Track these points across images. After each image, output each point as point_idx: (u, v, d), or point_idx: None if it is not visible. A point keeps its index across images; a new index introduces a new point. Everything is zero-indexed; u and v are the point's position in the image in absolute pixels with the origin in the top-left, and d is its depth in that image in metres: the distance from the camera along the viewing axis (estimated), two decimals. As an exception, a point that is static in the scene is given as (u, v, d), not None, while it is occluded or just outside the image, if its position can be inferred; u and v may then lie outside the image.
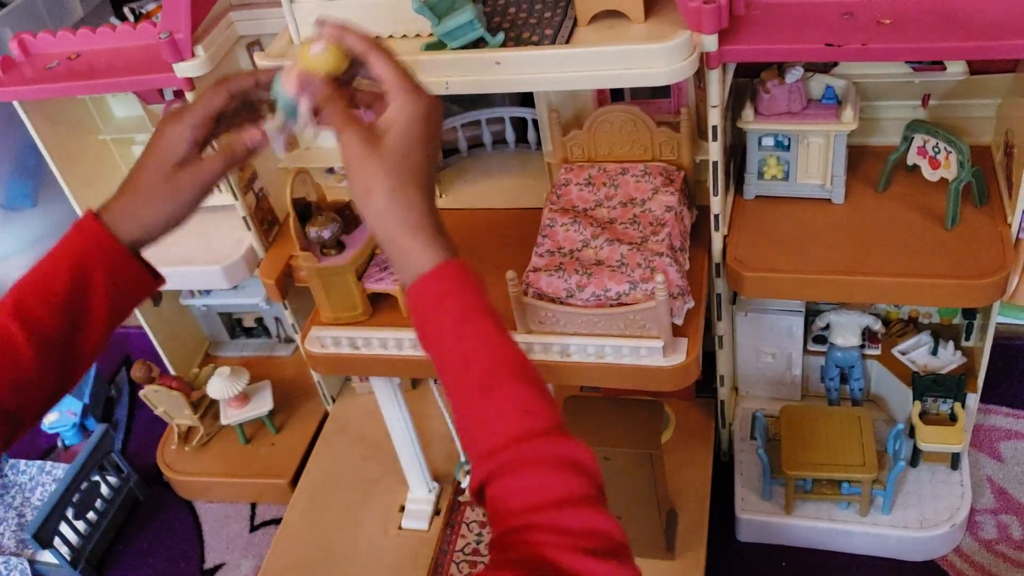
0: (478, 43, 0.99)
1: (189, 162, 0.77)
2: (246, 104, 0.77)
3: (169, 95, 1.30)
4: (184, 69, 1.10)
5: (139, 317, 1.49)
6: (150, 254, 0.80)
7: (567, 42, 0.97)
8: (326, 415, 1.56)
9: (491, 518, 0.63)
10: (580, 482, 0.62)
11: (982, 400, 1.33)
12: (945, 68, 1.10)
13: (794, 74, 1.09)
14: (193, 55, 1.10)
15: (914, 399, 1.24)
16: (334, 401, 1.56)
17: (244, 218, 1.27)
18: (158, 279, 0.81)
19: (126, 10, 2.00)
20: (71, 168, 1.33)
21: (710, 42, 0.94)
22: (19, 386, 0.75)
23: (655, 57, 0.93)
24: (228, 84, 0.77)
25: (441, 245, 0.69)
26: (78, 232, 0.78)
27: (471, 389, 0.66)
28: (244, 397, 1.50)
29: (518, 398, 0.65)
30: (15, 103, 1.24)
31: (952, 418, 1.23)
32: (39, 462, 1.57)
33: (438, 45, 0.98)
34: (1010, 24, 0.91)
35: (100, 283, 0.77)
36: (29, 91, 1.20)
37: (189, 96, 1.15)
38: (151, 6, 1.99)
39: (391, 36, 1.02)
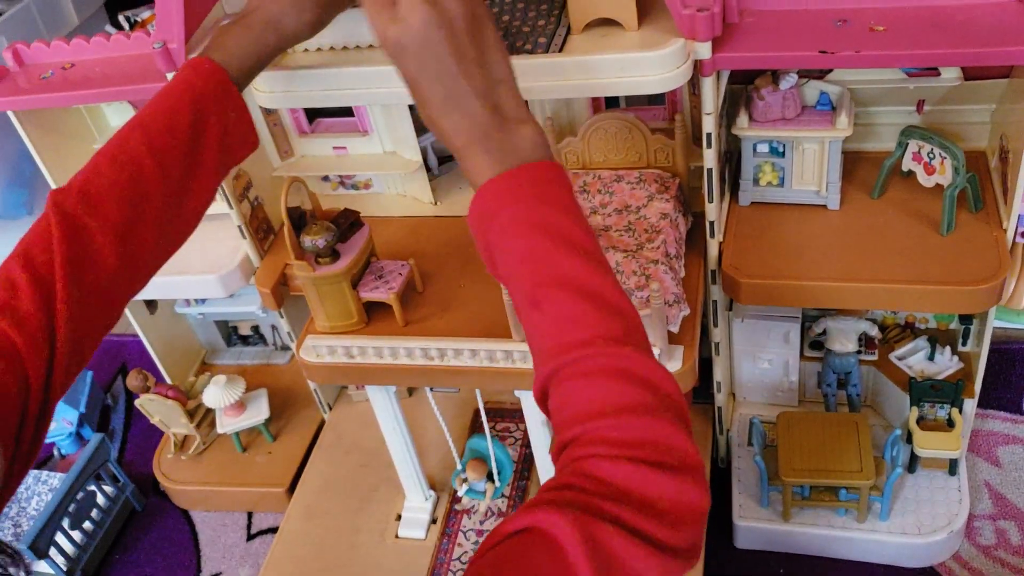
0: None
1: None
2: None
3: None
4: (178, 78, 1.09)
5: (135, 325, 1.49)
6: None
7: (560, 50, 0.97)
8: (322, 423, 1.56)
9: (554, 433, 0.63)
10: (639, 393, 0.60)
11: (980, 405, 1.32)
12: (939, 74, 1.10)
13: (788, 81, 1.09)
14: (187, 64, 1.10)
15: (911, 405, 1.23)
16: (330, 409, 1.56)
17: (239, 227, 1.27)
18: (256, 139, 0.91)
19: (121, 18, 2.01)
20: (65, 176, 1.31)
21: (704, 50, 0.94)
22: (144, 214, 0.80)
23: (649, 65, 0.93)
24: None
25: (492, 158, 0.67)
26: (196, 73, 0.84)
27: (523, 304, 0.66)
28: (240, 405, 1.50)
29: (566, 311, 0.63)
30: (10, 112, 1.24)
31: (950, 423, 1.23)
32: (35, 471, 1.57)
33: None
34: (1003, 31, 0.91)
35: (215, 131, 0.85)
36: (24, 101, 1.20)
37: (183, 105, 1.15)
38: (146, 14, 2.00)
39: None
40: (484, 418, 1.26)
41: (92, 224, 0.78)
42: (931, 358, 1.27)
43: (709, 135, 1.02)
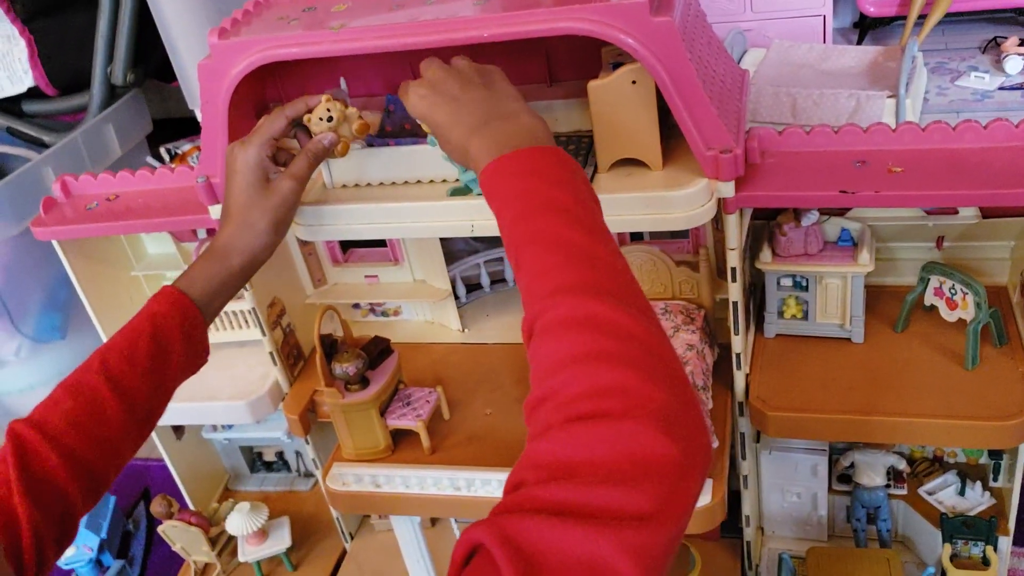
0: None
1: (270, 173, 0.97)
2: (298, 125, 0.99)
3: (203, 234, 1.34)
4: (219, 210, 1.14)
5: (161, 450, 1.50)
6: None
7: (588, 188, 1.01)
8: (344, 553, 1.54)
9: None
10: (596, 340, 0.59)
11: (1015, 543, 1.29)
12: (957, 212, 1.13)
13: (810, 218, 1.12)
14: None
15: (944, 541, 1.21)
16: (352, 538, 1.54)
17: (271, 353, 1.29)
18: (207, 352, 0.97)
19: (162, 150, 2.09)
20: (102, 302, 1.36)
21: (727, 189, 0.98)
22: (105, 444, 0.85)
23: (674, 203, 0.96)
24: (286, 111, 0.97)
25: (480, 158, 0.77)
26: (157, 301, 0.92)
27: (513, 270, 0.71)
28: (262, 533, 1.49)
29: (537, 265, 0.67)
30: (53, 241, 1.29)
31: (985, 562, 1.20)
32: (52, 598, 1.55)
33: (463, 191, 1.02)
34: (1018, 173, 0.94)
35: (178, 347, 0.91)
36: (69, 231, 1.24)
37: (222, 236, 1.19)
38: (186, 147, 2.08)
39: (419, 181, 1.06)
40: (509, 550, 1.24)
41: (45, 451, 0.82)
42: (962, 493, 1.25)
43: (733, 269, 1.05)
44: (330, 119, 0.98)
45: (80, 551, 1.61)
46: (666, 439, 0.54)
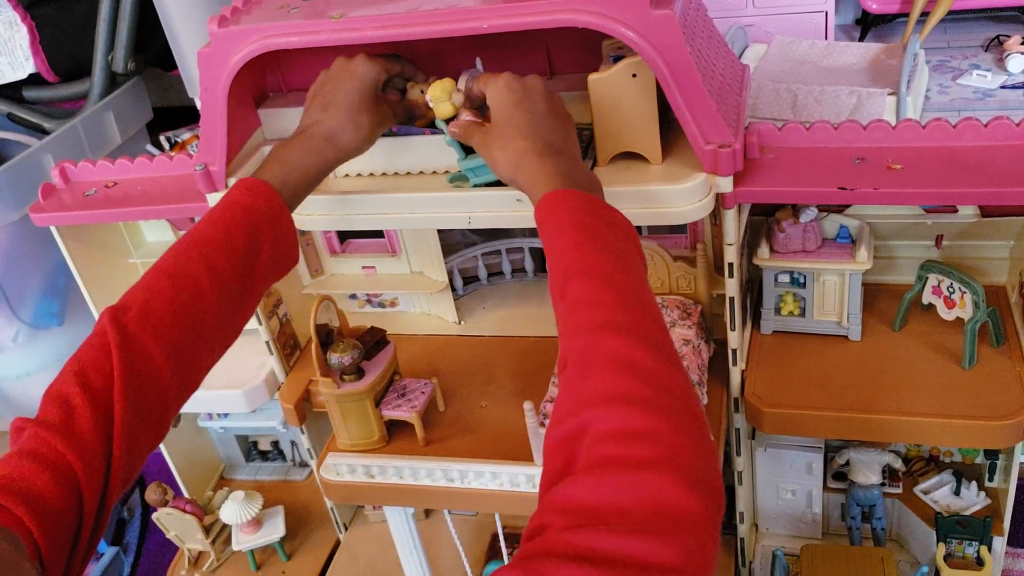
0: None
1: (380, 95, 0.99)
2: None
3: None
4: (217, 199, 1.13)
5: (156, 438, 1.50)
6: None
7: (587, 180, 1.00)
8: (338, 543, 1.54)
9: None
10: (634, 385, 0.60)
11: (1009, 543, 1.29)
12: (957, 211, 1.13)
13: (808, 214, 1.11)
14: (226, 186, 1.14)
15: (938, 541, 1.21)
16: (346, 529, 1.54)
17: (267, 342, 1.29)
18: (298, 256, 0.95)
19: (162, 138, 2.09)
20: (100, 289, 1.36)
21: (725, 184, 0.97)
22: (204, 341, 0.83)
23: (673, 197, 0.96)
24: (404, 68, 1.02)
25: (544, 183, 0.79)
26: (252, 194, 0.90)
27: (555, 297, 0.72)
28: (257, 522, 1.49)
29: (587, 297, 0.68)
30: (52, 227, 1.28)
31: (979, 562, 1.20)
32: (46, 585, 1.55)
33: (463, 177, 1.02)
34: (1017, 172, 0.93)
35: (268, 248, 0.89)
36: (67, 217, 1.24)
37: (220, 224, 1.19)
38: (186, 135, 2.08)
39: (421, 172, 1.06)
40: (503, 543, 1.25)
41: (152, 345, 0.78)
42: (957, 493, 1.25)
43: (731, 265, 1.04)
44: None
45: (75, 538, 1.60)
46: (692, 493, 0.55)
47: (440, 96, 0.95)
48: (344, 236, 1.34)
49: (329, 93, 0.97)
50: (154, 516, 1.47)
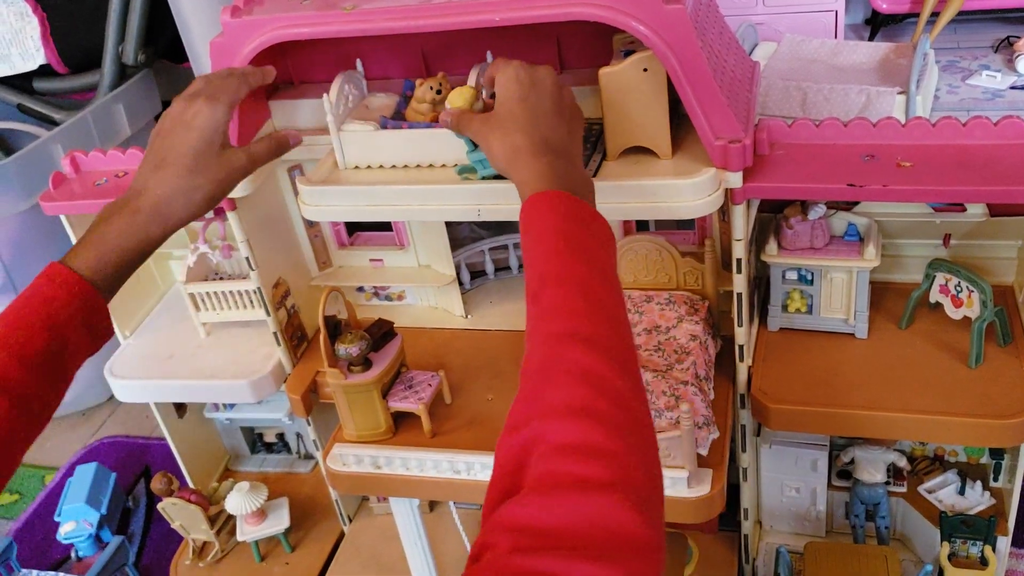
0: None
1: (227, 143, 0.88)
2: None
3: (209, 213, 1.34)
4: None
5: (163, 428, 1.50)
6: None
7: (595, 175, 1.01)
8: (342, 535, 1.54)
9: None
10: (592, 397, 0.59)
11: (1014, 543, 1.29)
12: (965, 209, 1.13)
13: (817, 211, 1.11)
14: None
15: (942, 540, 1.21)
16: (351, 521, 1.55)
17: (275, 333, 1.29)
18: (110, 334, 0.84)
19: (171, 130, 2.09)
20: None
21: (735, 179, 0.98)
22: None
23: (682, 192, 0.96)
24: (248, 79, 0.93)
25: (533, 183, 0.77)
26: (52, 284, 0.78)
27: (528, 302, 0.70)
28: (261, 513, 1.49)
29: (560, 304, 0.67)
30: (62, 216, 1.29)
31: (983, 562, 1.20)
32: (51, 573, 1.56)
33: (471, 169, 1.02)
34: (1027, 171, 0.93)
35: (76, 338, 0.78)
36: (78, 206, 1.25)
37: (231, 215, 1.19)
38: (196, 127, 2.07)
39: (431, 165, 1.06)
40: (507, 536, 1.25)
41: None
42: (961, 492, 1.25)
43: (739, 261, 1.05)
44: (438, 92, 0.99)
45: (80, 526, 1.61)
46: (643, 519, 0.54)
47: (461, 106, 0.93)
48: (352, 229, 1.35)
49: (161, 150, 0.86)
50: (159, 506, 1.47)
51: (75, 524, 1.61)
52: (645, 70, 0.95)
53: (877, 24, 1.84)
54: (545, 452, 0.57)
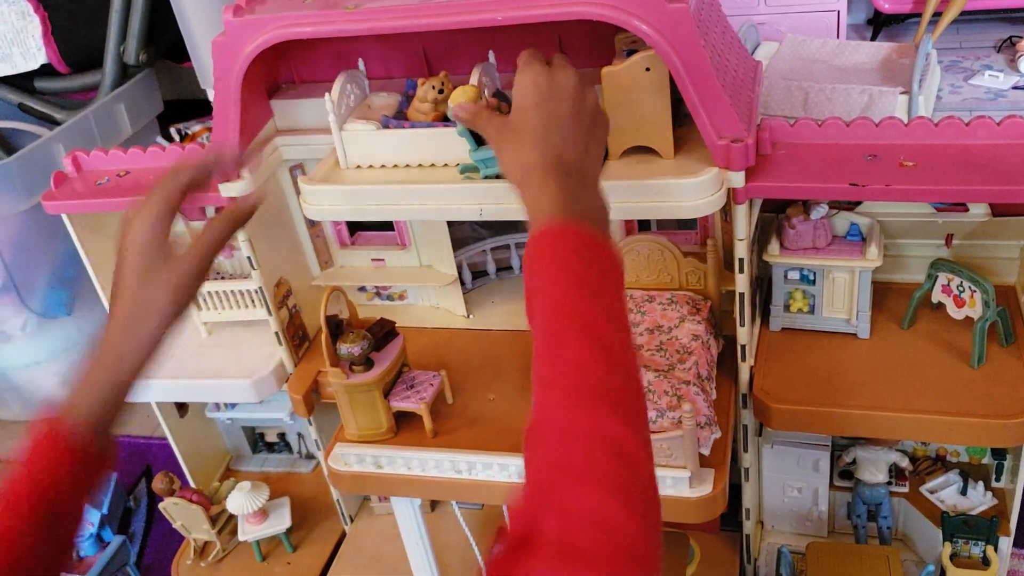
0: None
1: (169, 252, 0.77)
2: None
3: (211, 212, 1.34)
4: (229, 189, 1.14)
5: (164, 428, 1.50)
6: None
7: (598, 174, 1.00)
8: (343, 535, 1.54)
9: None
10: (606, 463, 0.59)
11: (1016, 544, 1.29)
12: (968, 209, 1.12)
13: (819, 211, 1.11)
14: (239, 176, 1.14)
15: (944, 540, 1.21)
16: (352, 521, 1.55)
17: (276, 333, 1.29)
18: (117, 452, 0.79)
19: (172, 130, 2.09)
20: (110, 278, 1.35)
21: (737, 179, 0.98)
22: None
23: (684, 191, 0.96)
24: (180, 176, 0.80)
25: (545, 207, 0.72)
26: (34, 455, 0.72)
27: (537, 343, 0.67)
28: (263, 513, 1.49)
29: (574, 355, 0.64)
30: (63, 216, 1.29)
31: (985, 562, 1.20)
32: (52, 572, 1.55)
33: (474, 168, 1.02)
34: (1030, 170, 0.93)
35: (70, 498, 0.73)
36: (79, 205, 1.25)
37: (232, 214, 1.19)
38: (196, 127, 2.08)
39: (433, 164, 1.06)
40: (508, 535, 1.25)
41: None
42: (963, 493, 1.25)
43: (741, 260, 1.04)
44: (441, 91, 0.98)
45: (81, 525, 1.61)
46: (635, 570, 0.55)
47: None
48: (353, 228, 1.34)
49: (116, 275, 0.79)
50: (160, 505, 1.47)
51: (76, 524, 1.61)
52: (648, 69, 0.95)
53: (879, 24, 1.83)
54: (565, 520, 0.57)
